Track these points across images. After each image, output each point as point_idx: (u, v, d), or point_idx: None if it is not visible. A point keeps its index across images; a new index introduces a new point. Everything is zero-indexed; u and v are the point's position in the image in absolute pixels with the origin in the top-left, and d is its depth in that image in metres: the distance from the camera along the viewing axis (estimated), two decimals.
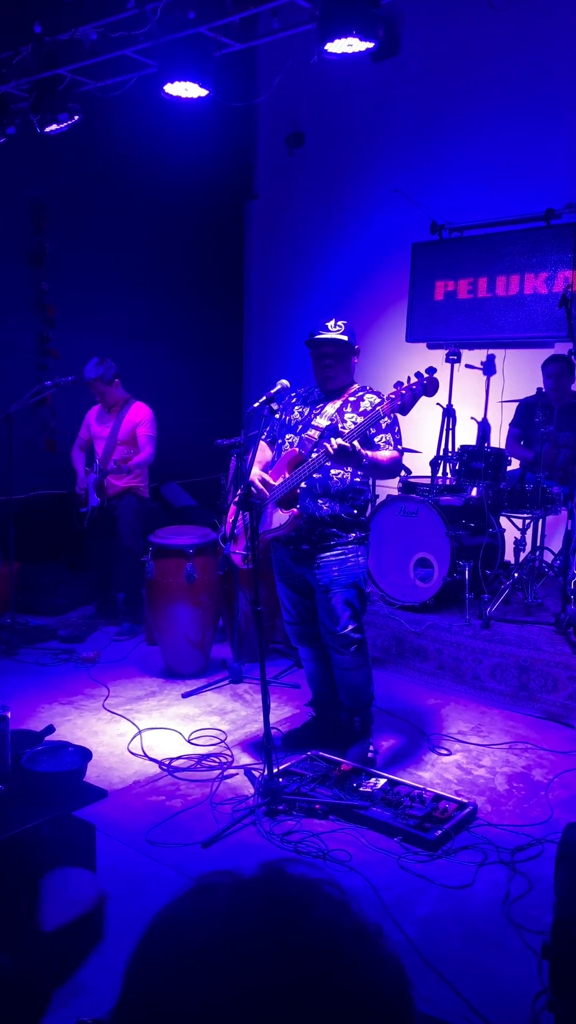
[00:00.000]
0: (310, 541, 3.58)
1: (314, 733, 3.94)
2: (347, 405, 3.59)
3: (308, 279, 7.62)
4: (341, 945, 0.61)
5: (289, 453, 3.57)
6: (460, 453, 5.19)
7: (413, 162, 6.75)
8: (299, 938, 0.61)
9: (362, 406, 3.56)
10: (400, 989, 0.63)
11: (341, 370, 3.61)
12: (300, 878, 0.66)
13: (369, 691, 3.77)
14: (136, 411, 5.51)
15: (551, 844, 2.95)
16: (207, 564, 4.78)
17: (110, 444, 5.46)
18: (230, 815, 3.27)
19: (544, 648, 4.44)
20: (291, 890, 0.65)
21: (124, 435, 5.46)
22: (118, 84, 4.90)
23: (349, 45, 3.92)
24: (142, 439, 5.45)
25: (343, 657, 3.65)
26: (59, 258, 6.31)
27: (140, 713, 4.30)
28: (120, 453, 5.42)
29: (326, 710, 3.95)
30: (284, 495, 3.55)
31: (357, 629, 3.64)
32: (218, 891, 0.65)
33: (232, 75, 5.49)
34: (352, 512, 3.60)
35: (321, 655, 3.83)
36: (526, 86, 6.12)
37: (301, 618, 3.81)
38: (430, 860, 3.00)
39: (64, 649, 5.19)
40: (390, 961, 0.63)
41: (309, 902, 0.64)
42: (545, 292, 6.06)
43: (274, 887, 0.65)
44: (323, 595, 3.60)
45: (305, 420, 3.64)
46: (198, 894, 0.66)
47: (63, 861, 2.54)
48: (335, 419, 3.56)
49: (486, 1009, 2.30)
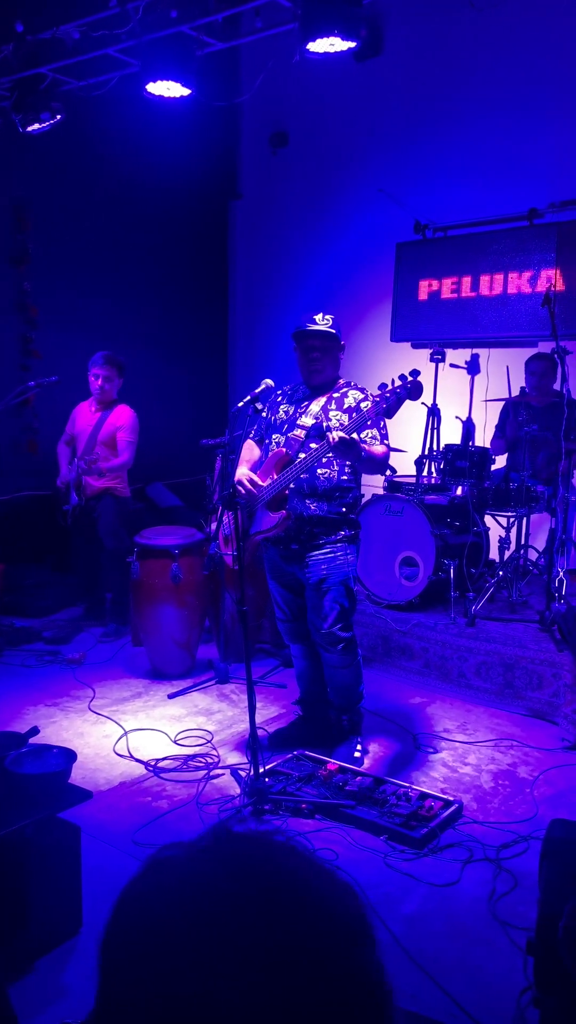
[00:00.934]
0: (299, 540, 3.59)
1: (301, 731, 3.94)
2: (331, 402, 3.59)
3: (293, 279, 7.63)
4: (300, 882, 0.63)
5: (276, 453, 3.57)
6: (445, 452, 5.21)
7: (397, 162, 6.76)
8: (259, 888, 0.62)
9: (346, 403, 3.57)
10: (359, 914, 0.64)
11: (328, 363, 3.61)
12: (248, 833, 0.67)
13: (358, 690, 3.78)
14: (119, 414, 5.49)
15: (536, 841, 2.96)
16: (193, 564, 4.77)
17: (90, 443, 5.45)
18: (216, 815, 3.26)
19: (529, 646, 4.46)
20: (242, 847, 0.66)
21: (104, 436, 5.45)
22: (100, 83, 4.89)
23: (331, 44, 3.93)
24: (121, 443, 5.43)
25: (331, 655, 3.66)
26: (42, 258, 6.28)
27: (126, 714, 4.29)
28: (98, 454, 5.39)
29: (314, 708, 3.96)
30: (273, 496, 3.55)
31: (346, 627, 3.64)
32: (172, 864, 0.65)
33: (215, 74, 5.48)
34: (340, 511, 3.61)
35: (312, 653, 3.84)
36: (508, 86, 6.15)
37: (293, 616, 3.82)
38: (416, 858, 3.01)
39: (49, 651, 5.16)
40: (344, 888, 0.65)
41: (262, 854, 0.65)
42: (528, 291, 6.08)
43: (225, 848, 0.66)
44: (312, 593, 3.61)
45: (291, 419, 3.64)
46: (153, 871, 0.66)
47: (48, 863, 2.53)
48: (320, 417, 3.56)
49: (472, 1006, 2.31)
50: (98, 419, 5.49)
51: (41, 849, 2.48)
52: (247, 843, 0.67)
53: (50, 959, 2.49)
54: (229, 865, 0.64)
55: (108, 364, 5.45)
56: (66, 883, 2.59)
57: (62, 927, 2.57)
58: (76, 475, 5.37)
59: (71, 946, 2.55)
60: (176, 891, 0.63)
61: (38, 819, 2.46)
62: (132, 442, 5.47)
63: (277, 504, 3.55)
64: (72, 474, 5.40)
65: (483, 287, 6.30)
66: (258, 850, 0.66)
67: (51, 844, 2.54)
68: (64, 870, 2.59)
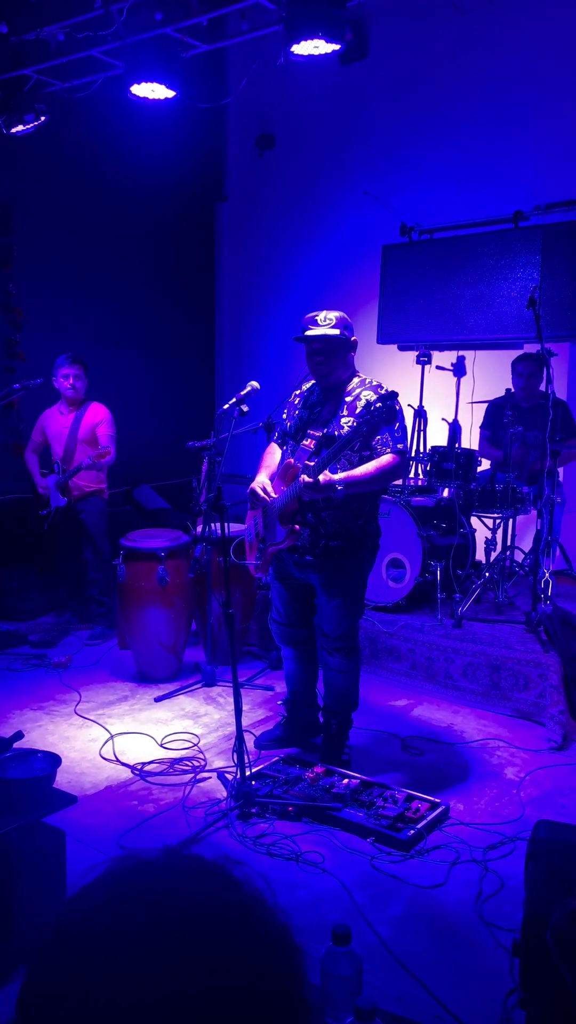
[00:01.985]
0: (314, 553, 3.46)
1: (287, 733, 3.94)
2: (343, 408, 3.42)
3: (279, 281, 7.63)
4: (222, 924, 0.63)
5: (286, 464, 3.43)
6: (431, 454, 5.22)
7: (383, 164, 6.77)
8: (179, 919, 0.62)
9: (358, 407, 3.37)
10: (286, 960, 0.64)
11: (335, 366, 3.43)
12: (192, 859, 0.68)
13: (354, 697, 3.75)
14: (95, 411, 5.48)
15: (522, 842, 2.96)
16: (179, 567, 4.75)
17: (70, 444, 5.43)
18: (203, 819, 3.25)
19: (515, 647, 4.47)
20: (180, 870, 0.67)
21: (84, 434, 5.43)
22: (85, 85, 4.88)
23: (315, 47, 3.94)
24: (103, 439, 5.41)
25: (334, 659, 3.64)
26: (27, 260, 6.25)
27: (112, 718, 4.27)
28: (82, 453, 5.38)
29: (300, 710, 3.94)
30: (283, 508, 3.43)
31: (354, 635, 3.63)
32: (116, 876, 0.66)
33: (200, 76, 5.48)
34: (359, 523, 3.46)
35: (304, 656, 3.82)
36: (494, 88, 6.17)
37: (290, 620, 3.76)
38: (403, 860, 3.01)
39: (35, 654, 5.14)
40: (277, 932, 0.65)
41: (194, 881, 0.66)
42: (514, 294, 6.10)
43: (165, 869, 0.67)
44: (325, 602, 3.55)
45: (304, 426, 3.51)
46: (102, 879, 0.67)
47: (33, 868, 2.51)
48: (332, 426, 3.40)
49: (458, 1008, 2.31)
50: (73, 420, 5.46)
51: (25, 854, 2.47)
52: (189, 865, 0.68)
53: None
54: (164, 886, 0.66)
55: (76, 363, 5.43)
56: (51, 888, 2.58)
57: None
58: (61, 478, 5.34)
59: None
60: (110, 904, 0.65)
61: (22, 824, 2.45)
62: (113, 436, 5.46)
63: (288, 517, 3.42)
64: (55, 477, 5.38)
65: (469, 289, 6.32)
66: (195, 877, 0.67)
67: (36, 849, 2.53)
68: (49, 875, 2.58)
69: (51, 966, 0.62)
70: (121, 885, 0.66)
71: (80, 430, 5.44)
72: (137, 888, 0.65)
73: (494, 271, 6.17)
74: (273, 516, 3.49)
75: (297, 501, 3.37)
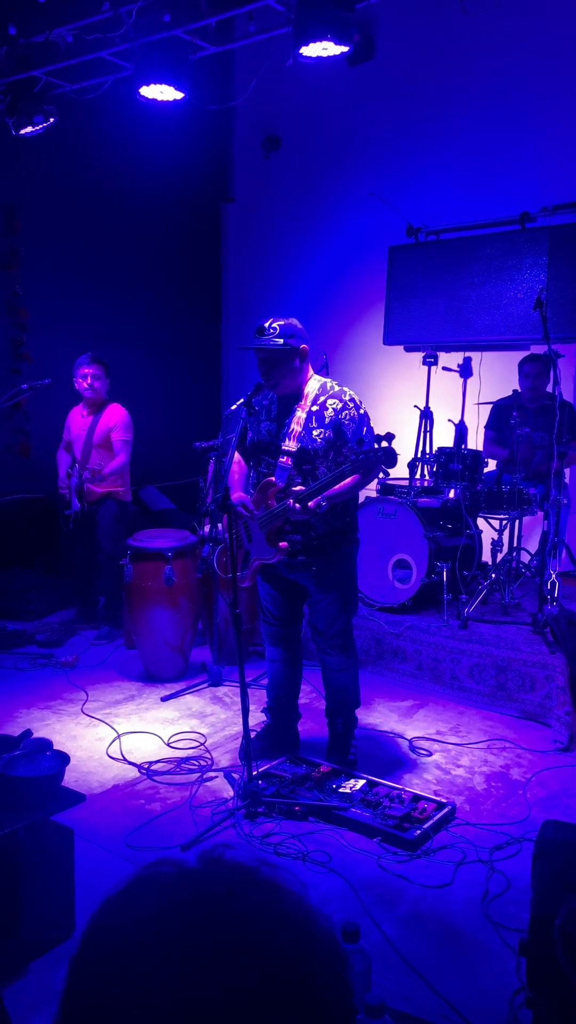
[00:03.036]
0: (305, 553, 3.48)
1: (271, 741, 3.85)
2: (311, 419, 3.38)
3: (285, 282, 7.64)
4: (269, 933, 0.62)
5: (266, 482, 3.43)
6: (437, 455, 5.22)
7: (389, 166, 6.78)
8: (228, 929, 0.61)
9: (327, 415, 3.36)
10: (332, 971, 0.64)
11: (281, 375, 3.36)
12: (235, 864, 0.67)
13: (355, 693, 3.75)
14: (111, 414, 5.47)
15: (529, 843, 2.98)
16: (186, 567, 4.76)
17: (86, 447, 5.44)
18: (210, 818, 3.26)
19: (521, 648, 4.47)
20: (227, 877, 0.66)
21: (98, 438, 5.43)
22: (94, 86, 4.89)
23: (324, 49, 3.94)
24: (116, 444, 5.41)
25: (333, 658, 3.65)
26: (33, 261, 6.27)
27: (119, 717, 4.28)
28: (95, 458, 5.39)
29: (284, 715, 3.89)
30: (269, 526, 3.43)
31: (349, 631, 3.64)
32: (158, 882, 0.66)
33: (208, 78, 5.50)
34: (345, 520, 3.52)
35: (291, 658, 3.81)
36: (501, 90, 6.18)
37: (281, 620, 3.75)
38: (409, 860, 3.02)
39: (42, 654, 5.15)
40: (321, 944, 0.64)
41: (240, 890, 0.65)
42: (521, 295, 6.11)
43: (210, 875, 0.66)
44: (320, 599, 3.55)
45: (274, 441, 3.46)
46: (138, 886, 0.66)
47: (41, 866, 2.52)
48: (304, 439, 3.37)
49: (465, 1007, 2.31)
50: (90, 423, 5.47)
51: (34, 852, 2.48)
52: (232, 874, 0.67)
53: (43, 962, 2.49)
54: (210, 895, 0.64)
55: (95, 363, 5.43)
56: (59, 886, 2.59)
57: (55, 930, 2.56)
58: (78, 482, 5.35)
59: (64, 949, 2.55)
60: (154, 911, 0.64)
61: (31, 822, 2.46)
62: (128, 441, 5.45)
63: (276, 535, 3.43)
64: (74, 480, 5.38)
65: (475, 291, 6.32)
66: (241, 886, 0.66)
67: (44, 847, 2.54)
68: (57, 873, 2.59)
69: (93, 973, 0.62)
70: (162, 889, 0.65)
71: (95, 434, 5.43)
72: (179, 891, 0.64)
73: (500, 272, 6.18)
74: (258, 531, 3.49)
75: (283, 520, 3.39)
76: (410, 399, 5.92)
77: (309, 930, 0.64)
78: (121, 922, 0.64)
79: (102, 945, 0.63)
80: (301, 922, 0.64)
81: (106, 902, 0.66)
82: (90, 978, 0.62)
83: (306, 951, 0.62)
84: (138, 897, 0.65)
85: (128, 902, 0.65)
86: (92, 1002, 0.60)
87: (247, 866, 0.67)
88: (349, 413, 3.35)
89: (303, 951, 0.62)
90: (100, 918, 0.65)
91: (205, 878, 0.66)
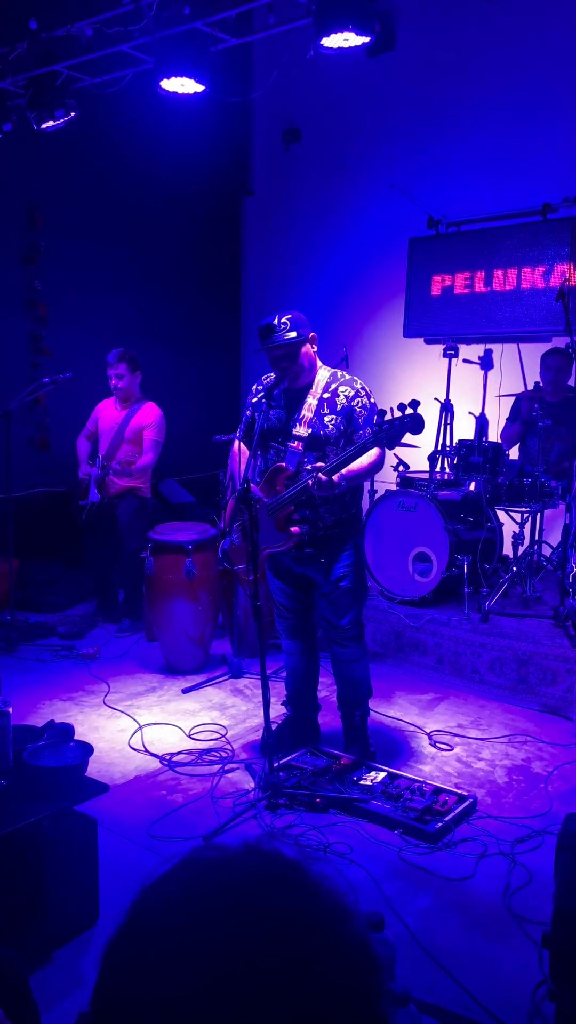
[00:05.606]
0: (313, 545, 3.51)
1: (293, 734, 3.84)
2: (323, 405, 3.41)
3: (305, 275, 7.62)
4: (307, 928, 0.62)
5: (276, 468, 3.45)
6: (458, 447, 5.20)
7: (409, 157, 6.74)
8: (269, 920, 0.62)
9: (338, 402, 3.40)
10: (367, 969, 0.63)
11: (300, 368, 3.41)
12: (278, 854, 0.67)
13: (367, 684, 3.76)
14: (146, 412, 5.49)
15: (551, 836, 2.97)
16: (206, 560, 4.78)
17: (116, 441, 5.46)
18: (231, 809, 3.28)
19: (543, 641, 4.45)
20: (270, 866, 0.66)
21: (131, 434, 5.45)
22: (115, 80, 4.89)
23: (345, 40, 3.93)
24: (147, 443, 5.43)
25: (345, 650, 3.65)
26: (53, 256, 6.29)
27: (140, 709, 4.31)
28: (125, 452, 5.41)
29: (303, 707, 3.89)
30: (278, 513, 3.44)
31: (359, 622, 3.65)
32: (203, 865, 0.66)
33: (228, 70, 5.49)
34: (351, 511, 3.57)
35: (308, 649, 3.81)
36: (522, 80, 6.12)
37: (295, 613, 3.75)
38: (430, 852, 3.02)
39: (64, 646, 5.19)
40: (358, 943, 0.64)
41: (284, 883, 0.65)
42: (542, 286, 6.05)
43: (254, 861, 0.66)
44: (331, 591, 3.56)
45: (284, 428, 3.49)
46: (184, 868, 0.67)
47: (65, 855, 2.55)
48: (315, 425, 3.41)
49: (487, 999, 2.32)
50: (124, 417, 5.49)
51: (58, 841, 2.51)
52: (276, 863, 0.67)
53: (68, 950, 2.52)
54: (255, 879, 0.65)
55: (121, 361, 5.45)
56: (83, 875, 2.61)
57: (79, 918, 2.59)
58: (100, 473, 5.37)
59: (88, 937, 2.58)
60: (197, 892, 0.64)
61: (55, 812, 2.48)
62: (159, 441, 5.48)
63: (285, 521, 3.44)
64: (95, 471, 5.40)
65: (496, 282, 6.27)
66: (286, 872, 0.66)
67: (68, 836, 2.56)
68: (81, 862, 2.62)
69: (127, 959, 0.62)
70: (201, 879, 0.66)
71: (128, 429, 5.46)
72: (219, 883, 0.65)
73: (522, 264, 6.12)
74: (266, 519, 3.48)
75: (293, 503, 3.39)
76: (430, 392, 5.89)
77: (341, 932, 0.63)
78: (164, 904, 0.64)
79: (144, 926, 0.64)
80: (333, 923, 0.64)
81: (153, 883, 0.66)
82: (128, 958, 0.63)
83: (336, 955, 0.62)
84: (185, 877, 0.66)
85: (175, 881, 0.66)
86: (129, 984, 0.61)
87: (286, 857, 0.67)
88: (361, 401, 3.40)
89: (333, 954, 0.62)
90: (145, 897, 0.65)
91: (249, 866, 0.66)
